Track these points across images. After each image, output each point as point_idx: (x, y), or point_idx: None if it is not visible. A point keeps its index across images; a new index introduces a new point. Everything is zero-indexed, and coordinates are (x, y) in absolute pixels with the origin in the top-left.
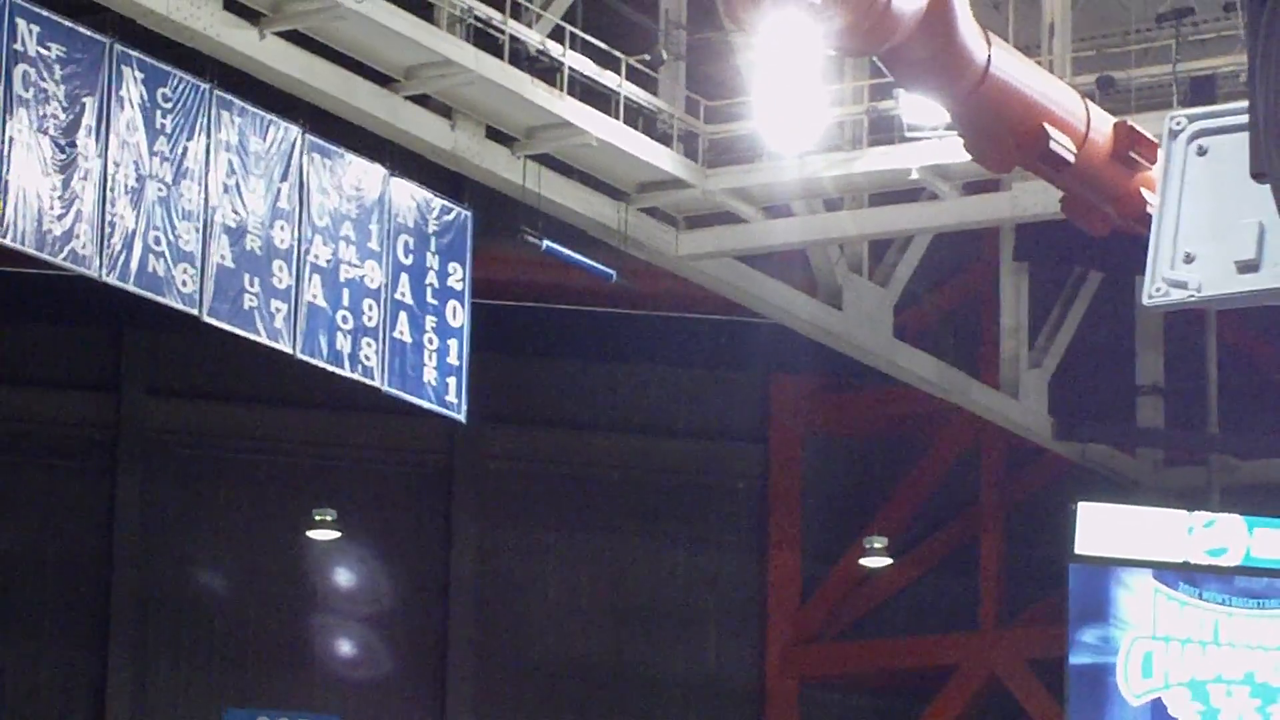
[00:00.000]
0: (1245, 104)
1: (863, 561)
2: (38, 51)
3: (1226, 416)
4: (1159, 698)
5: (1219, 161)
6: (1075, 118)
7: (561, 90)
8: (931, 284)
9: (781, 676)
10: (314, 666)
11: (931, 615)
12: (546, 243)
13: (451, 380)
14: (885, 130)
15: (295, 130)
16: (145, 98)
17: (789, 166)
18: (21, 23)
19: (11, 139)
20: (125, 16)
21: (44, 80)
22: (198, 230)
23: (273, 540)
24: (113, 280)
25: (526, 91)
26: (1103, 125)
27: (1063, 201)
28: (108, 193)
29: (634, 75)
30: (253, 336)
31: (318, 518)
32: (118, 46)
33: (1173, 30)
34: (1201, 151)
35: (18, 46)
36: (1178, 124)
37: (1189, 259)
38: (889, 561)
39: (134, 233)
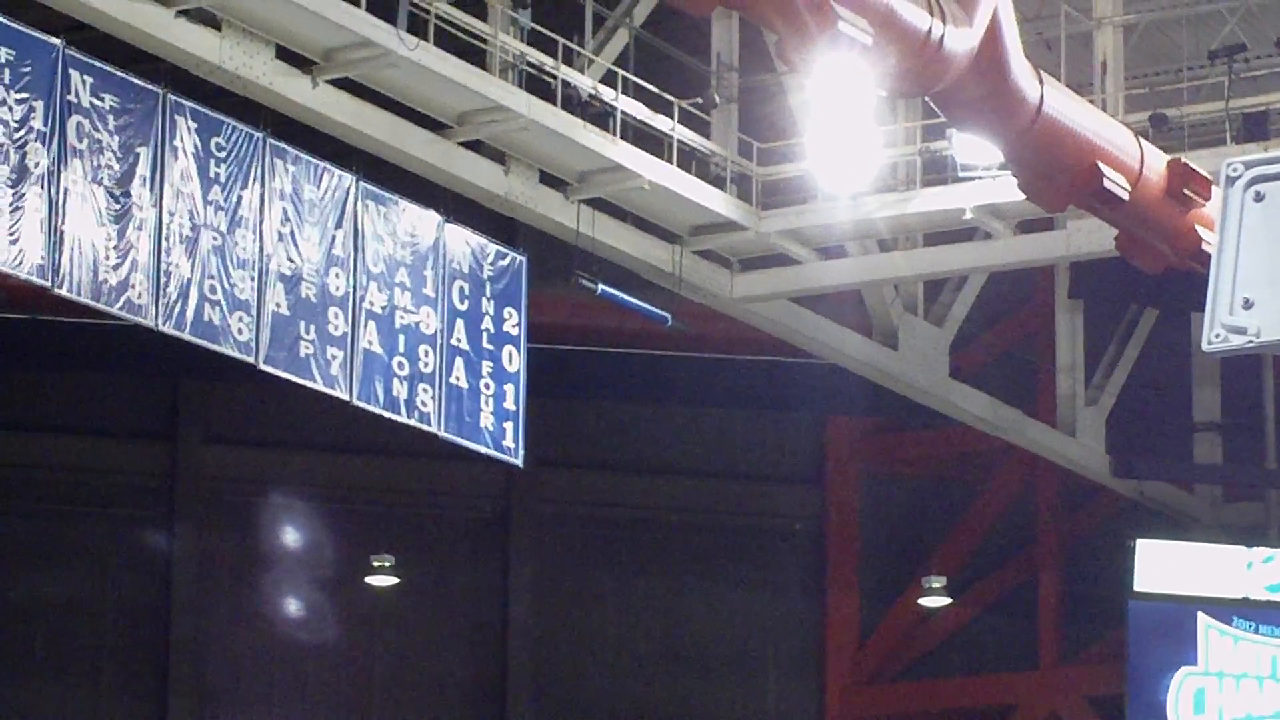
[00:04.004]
0: None
1: (921, 601)
2: (91, 103)
3: None
4: None
5: (1276, 207)
6: (1128, 155)
7: (614, 134)
8: (987, 323)
9: (841, 718)
10: (373, 712)
11: (991, 654)
12: (601, 286)
13: (508, 425)
14: (939, 170)
15: (349, 178)
16: (199, 147)
17: (843, 207)
18: (75, 74)
19: (66, 189)
20: (178, 67)
21: (98, 131)
22: (253, 278)
23: (331, 587)
24: (168, 329)
25: (579, 136)
26: (1156, 163)
27: (1117, 239)
28: (163, 242)
29: (686, 118)
30: (309, 384)
31: (376, 564)
32: (171, 96)
33: (1225, 67)
34: (1259, 198)
35: (71, 98)
36: (1234, 170)
37: (1248, 304)
38: (947, 601)
39: (189, 281)
